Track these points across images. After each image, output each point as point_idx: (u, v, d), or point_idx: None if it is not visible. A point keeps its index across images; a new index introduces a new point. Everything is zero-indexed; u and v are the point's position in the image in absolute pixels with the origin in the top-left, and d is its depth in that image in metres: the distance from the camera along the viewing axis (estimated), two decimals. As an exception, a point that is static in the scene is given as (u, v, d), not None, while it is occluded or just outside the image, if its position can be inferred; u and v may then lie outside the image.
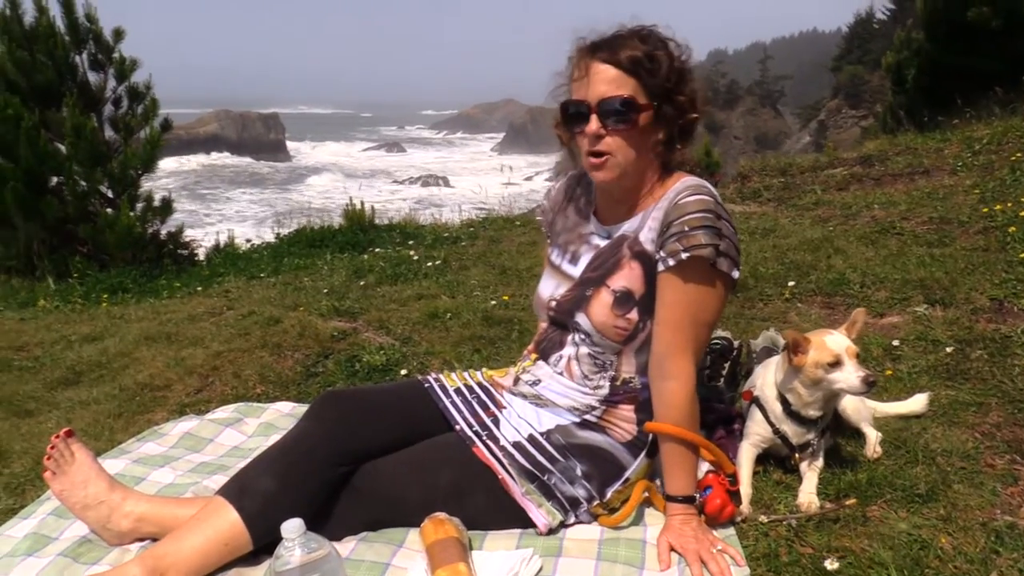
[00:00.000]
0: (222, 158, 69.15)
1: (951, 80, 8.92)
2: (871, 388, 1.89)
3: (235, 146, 72.85)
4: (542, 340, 2.04)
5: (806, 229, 4.35)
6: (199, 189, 51.54)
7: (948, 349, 2.68)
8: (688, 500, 1.81)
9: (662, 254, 1.78)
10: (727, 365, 2.52)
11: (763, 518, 1.87)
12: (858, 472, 2.01)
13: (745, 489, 1.95)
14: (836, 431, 2.18)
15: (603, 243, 1.95)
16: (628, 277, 1.86)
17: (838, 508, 1.86)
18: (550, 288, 2.02)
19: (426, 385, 2.06)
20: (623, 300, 1.85)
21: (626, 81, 1.76)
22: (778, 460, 2.11)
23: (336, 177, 61.35)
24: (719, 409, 2.28)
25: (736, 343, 2.60)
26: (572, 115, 1.83)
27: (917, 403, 2.34)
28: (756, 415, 2.08)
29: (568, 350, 1.95)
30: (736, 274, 1.83)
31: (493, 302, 3.80)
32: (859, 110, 38.75)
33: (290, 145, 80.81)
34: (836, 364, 1.90)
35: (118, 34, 6.71)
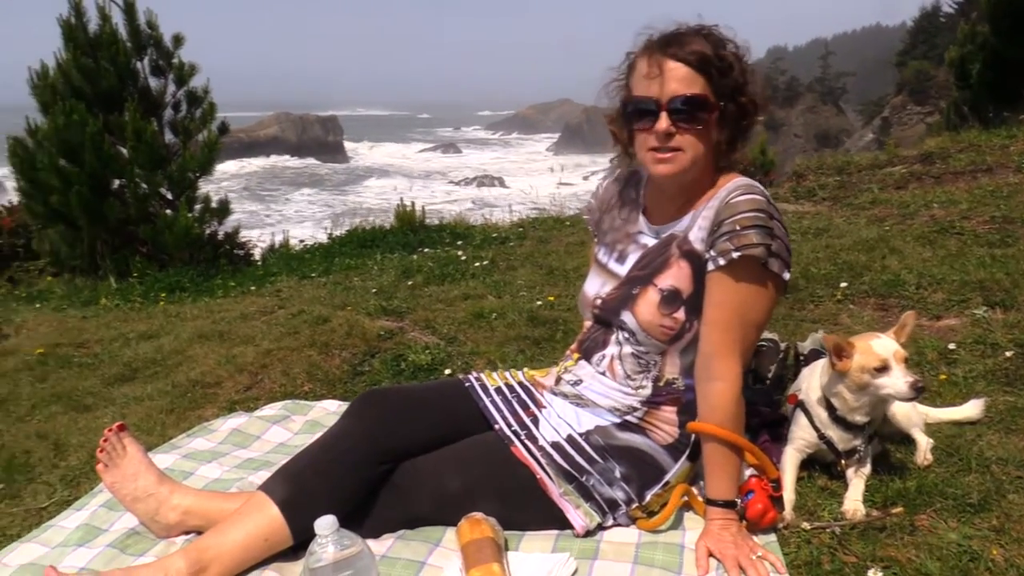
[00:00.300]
0: (282, 160, 70.58)
1: (1017, 75, 8.60)
2: (920, 394, 1.82)
3: (294, 148, 74.34)
4: (585, 339, 2.02)
5: (861, 229, 4.24)
6: (260, 190, 52.69)
7: (1008, 353, 2.58)
8: (729, 505, 1.78)
9: (712, 253, 1.76)
10: (773, 367, 2.48)
11: (806, 525, 1.82)
12: (907, 479, 1.95)
13: (788, 495, 1.91)
14: (885, 437, 2.12)
15: (651, 242, 1.94)
16: (676, 276, 1.84)
17: (884, 516, 1.81)
18: (596, 286, 2.01)
19: (467, 384, 2.07)
20: (670, 299, 1.83)
21: (696, 79, 1.74)
22: (823, 466, 2.05)
23: (392, 178, 62.20)
24: (764, 412, 2.24)
25: (783, 345, 2.54)
26: (636, 112, 1.80)
27: (972, 409, 2.25)
28: (801, 420, 2.03)
29: (611, 349, 1.93)
30: (787, 275, 1.81)
31: (539, 302, 3.79)
32: (925, 106, 37.58)
33: (348, 146, 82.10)
34: (883, 369, 1.84)
35: (177, 40, 6.88)
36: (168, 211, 6.61)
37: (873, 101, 47.30)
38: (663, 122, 1.74)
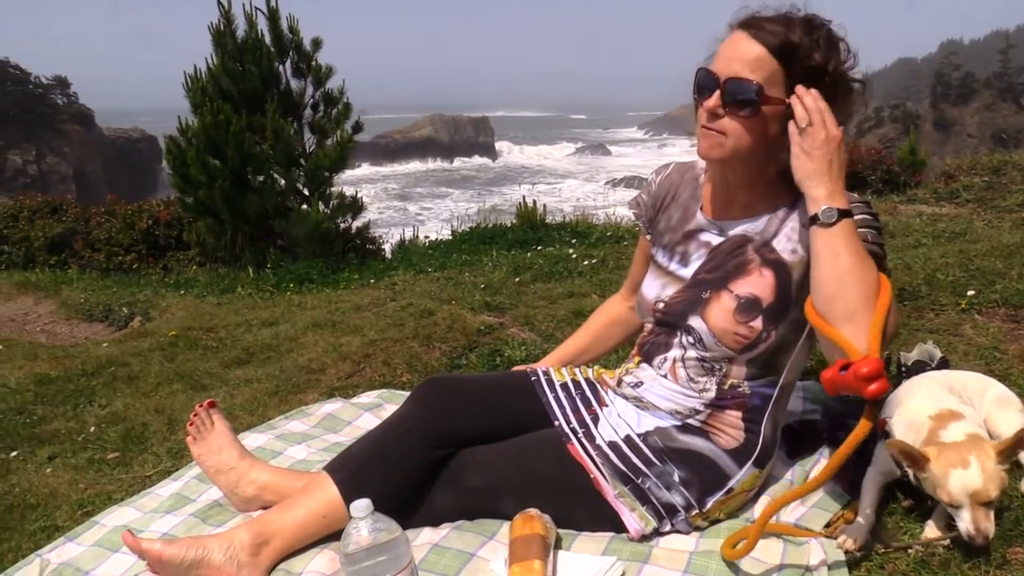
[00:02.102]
0: (437, 163, 72.97)
1: None
2: (984, 544, 1.57)
3: (447, 148, 76.62)
4: (645, 343, 1.96)
5: (1003, 233, 3.88)
6: (415, 189, 54.62)
7: None
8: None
9: None
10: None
11: (879, 547, 1.69)
12: (1005, 508, 1.76)
13: (864, 518, 1.76)
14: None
15: (716, 240, 1.83)
16: (757, 284, 1.74)
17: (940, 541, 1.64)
18: (655, 289, 1.93)
19: (533, 378, 2.06)
20: (748, 307, 1.74)
21: (768, 64, 1.61)
22: (911, 489, 1.88)
23: (538, 177, 62.85)
24: (852, 427, 2.09)
25: (884, 354, 2.36)
26: (699, 83, 1.70)
27: None
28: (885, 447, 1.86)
29: (674, 352, 1.86)
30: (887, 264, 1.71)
31: (641, 302, 3.71)
32: (1120, 103, 34.01)
33: (498, 147, 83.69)
34: (956, 506, 1.59)
35: (316, 43, 7.26)
36: (303, 206, 6.98)
37: (1059, 97, 43.24)
38: (713, 99, 1.65)
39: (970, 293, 3.11)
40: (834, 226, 1.58)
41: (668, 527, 1.79)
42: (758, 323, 1.73)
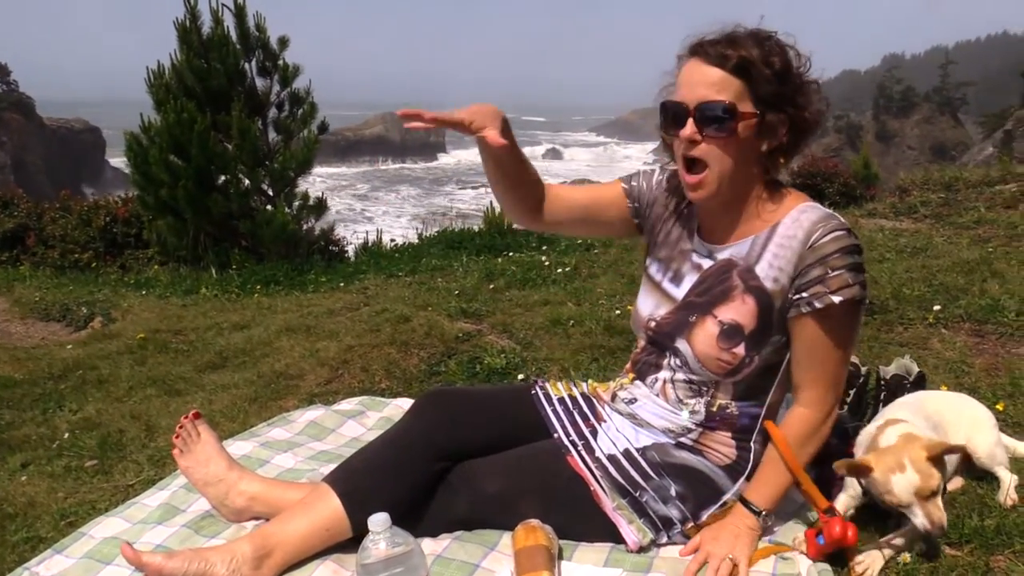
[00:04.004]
0: (386, 163, 72.43)
1: None
2: (940, 534, 1.67)
3: (398, 148, 76.06)
4: (639, 360, 2.00)
5: (962, 249, 4.04)
6: (360, 188, 54.12)
7: (1111, 389, 2.42)
8: (755, 513, 1.78)
9: (801, 296, 1.69)
10: (852, 392, 2.39)
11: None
12: (986, 517, 1.85)
13: None
14: (968, 472, 2.01)
15: (706, 264, 1.86)
16: (739, 311, 1.77)
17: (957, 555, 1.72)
18: (649, 307, 1.96)
19: (532, 392, 2.08)
20: (730, 333, 1.78)
21: (731, 84, 1.65)
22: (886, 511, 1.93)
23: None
24: (832, 444, 2.14)
25: (864, 369, 2.45)
26: (670, 117, 1.73)
27: None
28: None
29: (664, 373, 1.90)
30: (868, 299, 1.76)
31: (618, 311, 3.77)
32: (1053, 120, 35.38)
33: (450, 147, 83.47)
34: (905, 506, 1.69)
35: (283, 42, 7.17)
36: (268, 207, 6.89)
37: (995, 113, 44.73)
38: (688, 128, 1.67)
39: (936, 308, 3.24)
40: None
41: (664, 539, 1.84)
42: (741, 349, 1.77)
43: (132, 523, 2.14)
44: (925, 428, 1.90)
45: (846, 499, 1.92)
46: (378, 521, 1.51)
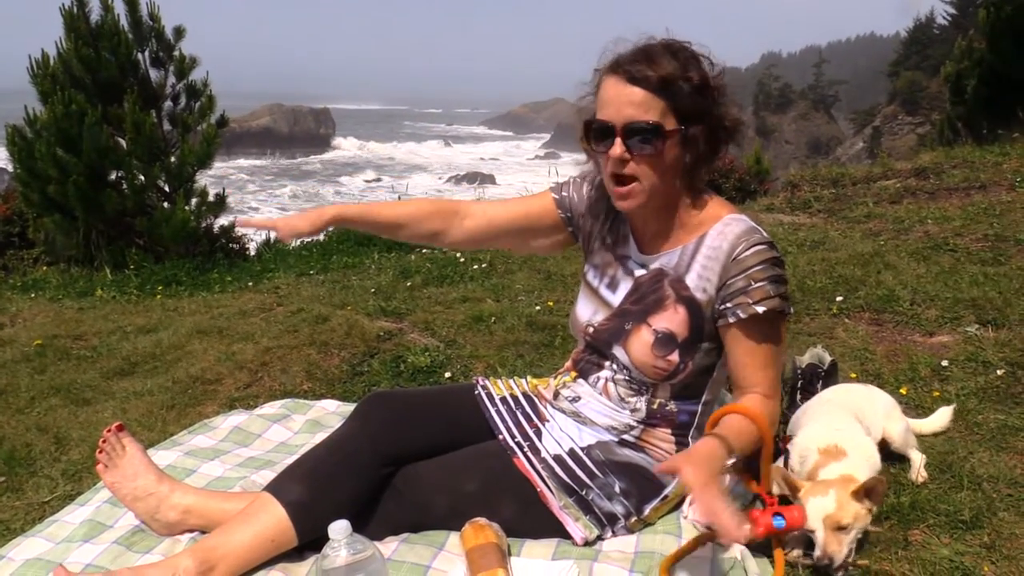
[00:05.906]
0: (276, 155, 70.40)
1: (1013, 92, 8.70)
2: (828, 565, 1.74)
3: (286, 139, 74.10)
4: (580, 360, 2.05)
5: (856, 243, 4.29)
6: (249, 183, 52.46)
7: (999, 372, 2.63)
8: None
9: (727, 306, 1.77)
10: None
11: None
12: (901, 495, 1.99)
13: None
14: (882, 455, 2.16)
15: (639, 272, 1.92)
16: (672, 320, 1.84)
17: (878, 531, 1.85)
18: (587, 312, 2.00)
19: (475, 392, 2.10)
20: (664, 342, 1.84)
21: (654, 103, 1.69)
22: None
23: (383, 172, 62.31)
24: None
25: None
26: (596, 134, 1.77)
27: (941, 418, 2.33)
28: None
29: (606, 373, 1.96)
30: (791, 309, 1.84)
31: (538, 307, 3.82)
32: (916, 116, 37.80)
33: (339, 140, 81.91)
34: (811, 531, 1.76)
35: (179, 32, 6.87)
36: (165, 204, 6.61)
37: (865, 110, 47.43)
38: (617, 148, 1.71)
39: (839, 299, 3.43)
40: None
41: (609, 534, 1.89)
42: (675, 356, 1.85)
43: (55, 542, 2.04)
44: (851, 422, 2.03)
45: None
46: (339, 528, 1.50)
